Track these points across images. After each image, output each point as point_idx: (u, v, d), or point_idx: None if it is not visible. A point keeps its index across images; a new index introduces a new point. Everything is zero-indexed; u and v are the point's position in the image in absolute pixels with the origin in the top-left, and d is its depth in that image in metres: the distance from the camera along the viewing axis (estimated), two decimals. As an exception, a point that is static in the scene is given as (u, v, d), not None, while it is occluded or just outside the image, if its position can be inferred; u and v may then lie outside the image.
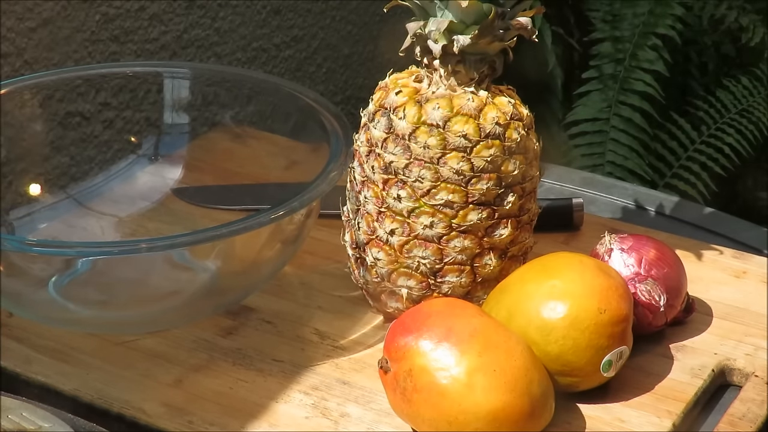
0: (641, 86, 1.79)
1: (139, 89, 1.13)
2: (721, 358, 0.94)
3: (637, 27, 1.82)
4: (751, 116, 1.87)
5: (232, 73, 1.12)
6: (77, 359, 0.94)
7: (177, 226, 1.08)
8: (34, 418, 0.79)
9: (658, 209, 1.25)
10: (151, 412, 0.89)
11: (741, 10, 1.89)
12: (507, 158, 0.91)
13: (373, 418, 0.89)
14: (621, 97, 1.80)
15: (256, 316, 0.99)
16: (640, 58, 1.80)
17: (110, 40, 1.28)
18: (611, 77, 1.81)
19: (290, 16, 1.53)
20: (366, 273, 0.95)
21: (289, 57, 1.55)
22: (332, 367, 0.94)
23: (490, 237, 0.92)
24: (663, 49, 1.80)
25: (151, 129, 1.14)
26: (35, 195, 1.08)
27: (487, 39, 0.89)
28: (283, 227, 0.93)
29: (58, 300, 0.94)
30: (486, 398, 0.81)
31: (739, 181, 1.96)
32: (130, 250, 0.88)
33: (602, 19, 1.85)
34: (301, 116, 1.04)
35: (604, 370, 0.87)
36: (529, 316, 0.87)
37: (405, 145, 0.90)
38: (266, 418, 0.88)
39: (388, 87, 0.93)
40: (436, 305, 0.87)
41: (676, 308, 0.95)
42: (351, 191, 0.96)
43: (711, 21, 1.91)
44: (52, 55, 1.22)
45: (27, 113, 1.08)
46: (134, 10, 1.30)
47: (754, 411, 0.89)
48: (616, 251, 0.95)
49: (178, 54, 1.37)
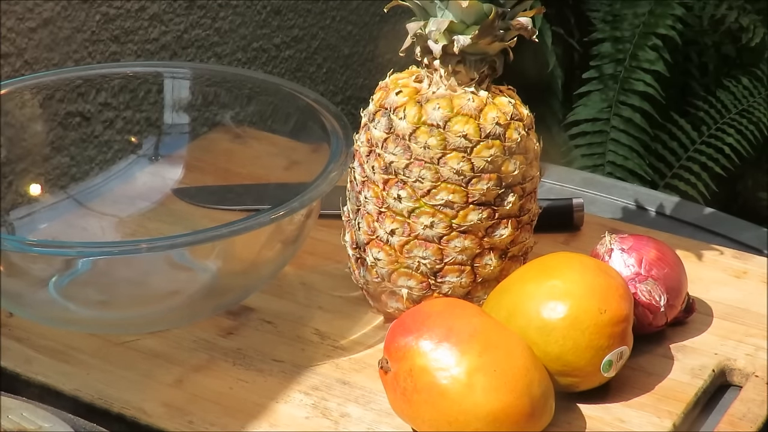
0: (641, 86, 1.79)
1: (140, 89, 1.13)
2: (722, 358, 0.94)
3: (638, 27, 1.82)
4: (752, 116, 1.87)
5: (233, 73, 1.12)
6: (77, 359, 0.94)
7: (177, 226, 1.08)
8: (35, 418, 0.79)
9: (659, 209, 1.25)
10: (151, 412, 0.89)
11: (741, 11, 1.88)
12: (507, 158, 0.91)
13: (373, 418, 0.89)
14: (621, 98, 1.80)
15: (257, 316, 0.99)
16: (640, 59, 1.80)
17: (110, 40, 1.28)
18: (611, 77, 1.81)
19: (290, 17, 1.53)
20: (366, 273, 0.95)
21: (290, 57, 1.54)
22: (332, 368, 0.94)
23: (491, 237, 0.92)
24: (663, 49, 1.80)
25: (151, 129, 1.14)
26: (35, 195, 1.08)
27: (487, 39, 0.89)
28: (283, 227, 0.93)
29: (59, 300, 0.94)
30: (486, 398, 0.81)
31: (740, 181, 1.96)
32: (130, 251, 0.88)
33: (602, 20, 1.85)
34: (301, 116, 1.04)
35: (605, 370, 0.87)
36: (530, 317, 0.87)
37: (405, 145, 0.90)
38: (266, 419, 0.88)
39: (388, 87, 0.93)
40: (437, 305, 0.87)
41: (677, 308, 0.95)
42: (351, 191, 0.96)
43: (711, 21, 1.91)
44: (52, 55, 1.22)
45: (27, 113, 1.08)
46: (134, 11, 1.30)
47: (755, 411, 0.89)
48: (617, 251, 0.95)
49: (178, 54, 1.37)
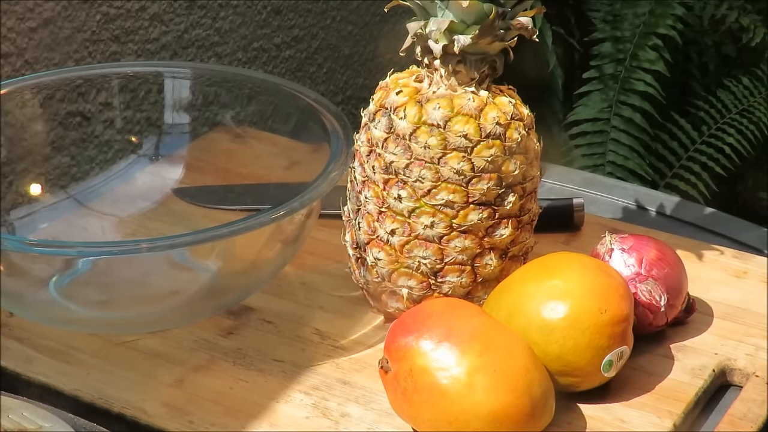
0: (642, 86, 1.79)
1: (140, 89, 1.13)
2: (722, 358, 0.94)
3: (638, 27, 1.82)
4: (752, 116, 1.87)
5: (233, 73, 1.12)
6: (78, 359, 0.94)
7: (177, 226, 1.08)
8: (35, 417, 0.79)
9: (659, 209, 1.25)
10: (151, 412, 0.89)
11: (742, 11, 1.88)
12: (508, 158, 0.91)
13: (373, 418, 0.89)
14: (622, 97, 1.80)
15: (257, 316, 0.99)
16: (640, 58, 1.80)
17: (111, 40, 1.28)
18: (612, 77, 1.81)
19: (291, 17, 1.53)
20: (366, 273, 0.95)
21: (290, 57, 1.54)
22: (333, 367, 0.94)
23: (491, 237, 0.92)
24: (664, 49, 1.80)
25: (151, 129, 1.14)
26: (36, 195, 1.08)
27: (487, 39, 0.89)
28: (283, 227, 0.93)
29: (59, 300, 0.94)
30: (486, 398, 0.81)
31: (740, 181, 1.96)
32: (130, 250, 0.88)
33: (603, 19, 1.85)
34: (301, 116, 1.04)
35: (605, 370, 0.87)
36: (530, 316, 0.87)
37: (405, 145, 0.90)
38: (267, 418, 0.88)
39: (388, 87, 0.93)
40: (437, 305, 0.87)
41: (677, 308, 0.95)
42: (351, 191, 0.96)
43: (712, 21, 1.91)
44: (52, 55, 1.22)
45: (28, 113, 1.08)
46: (135, 10, 1.30)
47: (755, 411, 0.89)
48: (617, 251, 0.94)
49: (178, 54, 1.37)
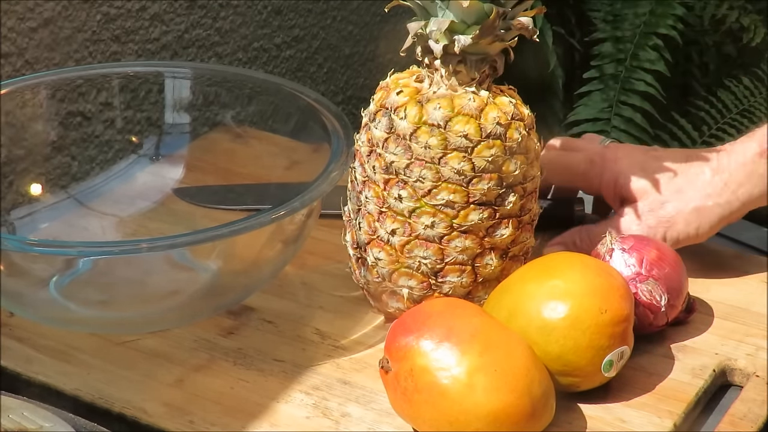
0: (642, 86, 1.79)
1: (140, 89, 1.13)
2: (722, 358, 0.94)
3: (638, 27, 1.81)
4: (752, 116, 1.87)
5: (233, 73, 1.12)
6: (78, 359, 0.94)
7: (178, 226, 1.08)
8: (35, 417, 0.79)
9: (659, 209, 1.24)
10: (152, 411, 0.89)
11: (742, 11, 1.88)
12: (508, 158, 0.91)
13: (374, 418, 0.89)
14: (622, 97, 1.80)
15: (257, 316, 0.99)
16: (641, 58, 1.80)
17: (111, 40, 1.28)
18: (612, 77, 1.81)
19: (291, 16, 1.53)
20: (367, 273, 0.95)
21: (290, 57, 1.55)
22: (333, 367, 0.94)
23: (491, 237, 0.92)
24: (664, 49, 1.80)
25: (152, 129, 1.14)
26: (36, 195, 1.08)
27: (488, 39, 0.89)
28: (284, 227, 0.93)
29: (59, 300, 0.94)
30: (487, 398, 0.81)
31: (740, 181, 1.95)
32: (131, 250, 0.88)
33: (603, 19, 1.85)
34: (302, 116, 1.04)
35: (605, 370, 0.87)
36: (530, 316, 0.87)
37: (406, 145, 0.90)
38: (267, 418, 0.88)
39: (389, 87, 0.93)
40: (437, 305, 0.87)
41: (677, 308, 0.95)
42: (352, 191, 0.96)
43: (712, 21, 1.91)
44: (53, 55, 1.22)
45: (28, 113, 1.08)
46: (135, 10, 1.30)
47: (755, 411, 0.89)
48: (618, 251, 0.94)
49: (179, 54, 1.37)
